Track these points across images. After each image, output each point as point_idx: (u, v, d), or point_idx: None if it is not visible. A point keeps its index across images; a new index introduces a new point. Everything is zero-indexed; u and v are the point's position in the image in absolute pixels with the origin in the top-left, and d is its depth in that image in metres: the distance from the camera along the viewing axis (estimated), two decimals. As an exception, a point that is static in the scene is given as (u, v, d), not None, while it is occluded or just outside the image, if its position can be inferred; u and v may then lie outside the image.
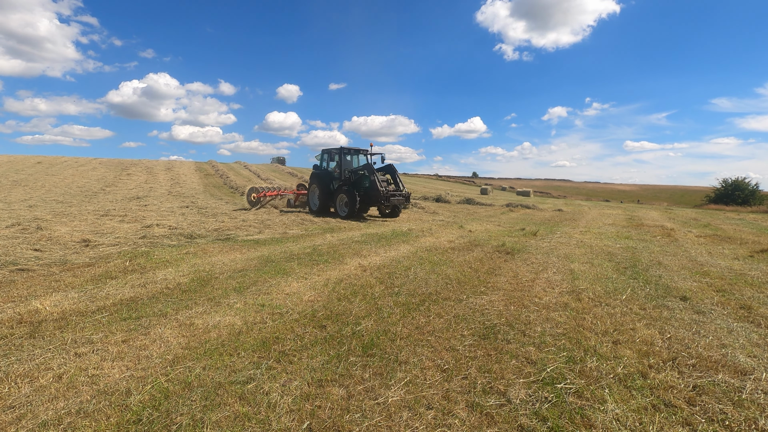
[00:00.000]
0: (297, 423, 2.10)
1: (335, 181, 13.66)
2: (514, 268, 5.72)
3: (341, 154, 13.68)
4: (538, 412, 2.23)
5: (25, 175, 24.88)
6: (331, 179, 13.71)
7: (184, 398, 2.29)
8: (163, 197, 17.17)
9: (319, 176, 13.92)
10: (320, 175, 13.92)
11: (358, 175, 13.28)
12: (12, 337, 3.04)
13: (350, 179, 13.39)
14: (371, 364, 2.74)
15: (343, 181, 13.39)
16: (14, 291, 4.18)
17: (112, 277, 4.79)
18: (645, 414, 2.23)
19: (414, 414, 2.21)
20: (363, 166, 13.14)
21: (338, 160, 13.63)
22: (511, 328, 3.41)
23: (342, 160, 13.60)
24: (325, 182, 13.65)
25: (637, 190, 75.20)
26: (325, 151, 14.63)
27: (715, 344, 3.16)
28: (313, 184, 14.01)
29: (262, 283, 4.67)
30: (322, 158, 14.52)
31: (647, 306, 4.08)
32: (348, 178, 13.44)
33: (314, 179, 14.03)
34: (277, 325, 3.38)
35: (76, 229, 8.02)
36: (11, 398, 2.26)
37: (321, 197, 13.61)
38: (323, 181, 13.69)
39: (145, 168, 32.89)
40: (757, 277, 5.43)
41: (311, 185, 14.13)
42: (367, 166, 12.92)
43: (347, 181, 13.37)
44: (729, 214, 21.74)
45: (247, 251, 6.61)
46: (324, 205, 13.63)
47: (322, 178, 13.79)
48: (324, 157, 14.49)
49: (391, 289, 4.49)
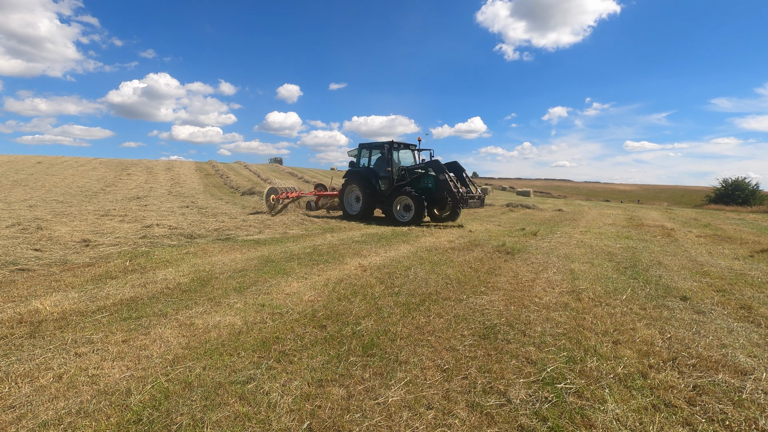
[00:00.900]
0: (297, 423, 2.10)
1: (382, 181, 11.84)
2: (515, 268, 5.72)
3: (391, 150, 11.72)
4: (538, 412, 2.23)
5: (25, 175, 24.89)
6: (376, 179, 11.90)
7: (185, 398, 2.29)
8: (163, 197, 17.17)
9: (361, 175, 12.00)
10: (361, 174, 12.01)
11: (416, 174, 11.52)
12: (12, 337, 3.04)
13: (404, 179, 11.62)
14: (371, 364, 2.74)
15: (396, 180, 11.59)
16: (14, 291, 4.18)
17: (112, 277, 4.80)
18: (645, 414, 2.23)
19: (414, 414, 2.21)
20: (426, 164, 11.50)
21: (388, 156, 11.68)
22: (512, 328, 3.41)
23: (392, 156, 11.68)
24: (370, 182, 11.82)
25: (637, 190, 75.21)
26: (364, 146, 12.70)
27: (715, 344, 3.16)
28: (351, 184, 12.17)
29: (263, 283, 4.67)
30: (360, 154, 12.62)
31: (647, 306, 4.08)
32: (401, 177, 11.68)
33: (353, 179, 12.18)
34: (278, 325, 3.38)
35: (76, 229, 8.02)
36: (11, 398, 2.26)
37: (364, 199, 11.75)
38: (366, 181, 11.83)
39: (145, 168, 32.90)
40: (758, 277, 5.42)
41: (347, 185, 12.32)
42: (434, 163, 11.10)
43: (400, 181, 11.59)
44: (729, 214, 21.74)
45: (248, 251, 6.61)
46: (368, 208, 11.80)
47: (365, 177, 11.91)
48: (362, 153, 12.60)
49: (391, 289, 4.49)
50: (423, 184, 11.23)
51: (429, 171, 11.31)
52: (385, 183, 11.84)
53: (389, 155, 11.66)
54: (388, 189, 11.63)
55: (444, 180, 10.77)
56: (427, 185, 11.16)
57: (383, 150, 11.97)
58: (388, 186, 11.73)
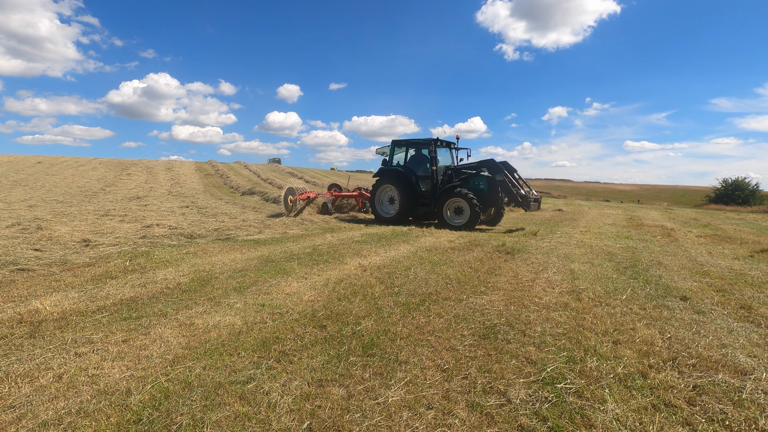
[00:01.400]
0: (297, 423, 2.10)
1: (422, 181, 10.96)
2: (514, 267, 5.72)
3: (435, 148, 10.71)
4: (538, 412, 2.23)
5: (25, 175, 24.88)
6: (415, 179, 11.00)
7: (184, 398, 2.29)
8: (163, 197, 17.17)
9: (397, 175, 11.00)
10: (398, 174, 11.00)
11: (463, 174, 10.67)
12: (12, 337, 3.04)
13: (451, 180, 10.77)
14: (371, 363, 2.74)
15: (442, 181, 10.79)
16: (14, 291, 4.18)
17: (112, 277, 4.80)
18: (645, 414, 2.23)
19: (414, 414, 2.21)
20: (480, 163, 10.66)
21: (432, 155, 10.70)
22: (511, 328, 3.41)
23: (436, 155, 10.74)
24: (409, 183, 10.89)
25: (637, 190, 75.19)
26: (398, 143, 11.65)
27: (715, 344, 3.16)
28: (385, 184, 11.18)
29: (262, 282, 4.67)
30: (393, 152, 11.64)
31: (647, 306, 4.08)
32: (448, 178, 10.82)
33: (387, 178, 11.15)
34: (277, 325, 3.38)
35: (76, 229, 8.02)
36: (11, 398, 2.26)
37: (402, 201, 10.77)
38: (404, 181, 10.86)
39: (145, 168, 32.90)
40: (758, 277, 5.42)
41: (380, 186, 11.30)
42: (489, 163, 10.40)
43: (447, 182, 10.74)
44: (729, 214, 21.74)
45: (248, 251, 6.61)
46: (405, 211, 10.83)
47: (403, 177, 10.93)
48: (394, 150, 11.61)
49: (391, 289, 4.49)
50: (473, 185, 10.39)
51: (482, 171, 10.45)
52: (426, 184, 10.93)
53: (433, 153, 10.68)
54: (431, 190, 10.79)
55: (502, 181, 10.03)
56: (478, 186, 10.32)
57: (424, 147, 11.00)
58: (430, 187, 10.85)
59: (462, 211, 10.07)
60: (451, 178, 10.81)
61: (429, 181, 10.88)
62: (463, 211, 10.04)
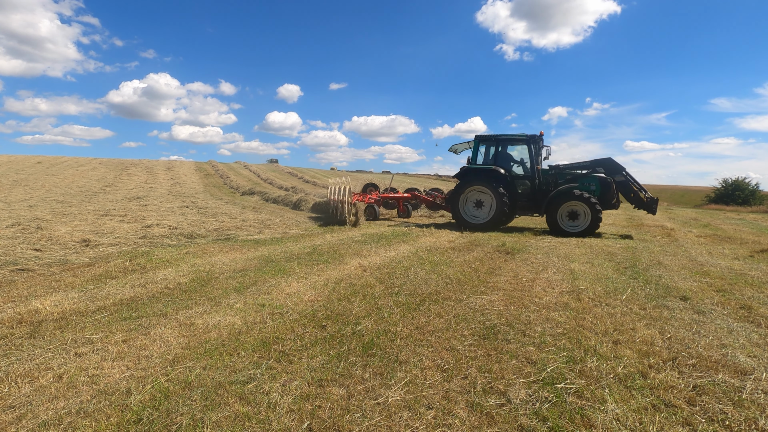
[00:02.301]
0: (297, 423, 2.10)
1: (520, 182, 10.09)
2: (514, 267, 5.72)
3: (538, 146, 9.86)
4: (538, 412, 2.23)
5: (25, 175, 24.88)
6: (512, 179, 10.05)
7: (184, 398, 2.29)
8: (163, 197, 17.17)
9: (491, 175, 9.90)
10: (492, 174, 9.90)
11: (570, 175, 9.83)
12: (12, 337, 3.04)
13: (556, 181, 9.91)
14: (371, 364, 2.74)
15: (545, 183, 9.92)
16: (14, 291, 4.18)
17: (112, 277, 4.80)
18: (645, 414, 2.23)
19: (414, 414, 2.21)
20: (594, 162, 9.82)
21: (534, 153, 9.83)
22: (511, 328, 3.41)
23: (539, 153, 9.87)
24: (506, 184, 9.84)
25: (637, 190, 74.87)
26: (484, 139, 10.45)
27: (715, 344, 3.16)
28: (474, 186, 10.05)
29: (262, 283, 4.67)
30: (476, 150, 10.47)
31: (647, 306, 4.08)
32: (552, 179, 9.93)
33: (474, 179, 10.05)
34: (277, 325, 3.38)
35: (76, 229, 8.02)
36: (11, 398, 2.26)
37: (499, 205, 9.66)
38: (502, 182, 9.81)
39: (145, 168, 32.90)
40: (758, 277, 5.42)
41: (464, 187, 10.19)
42: (607, 162, 9.60)
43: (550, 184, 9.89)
44: (729, 214, 21.73)
45: (248, 251, 6.61)
46: (502, 216, 9.79)
47: (499, 178, 9.85)
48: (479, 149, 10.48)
49: (391, 289, 4.49)
50: (583, 186, 9.42)
51: (598, 170, 9.64)
52: (524, 185, 10.02)
53: (534, 152, 9.77)
54: (530, 192, 9.94)
55: (624, 182, 9.38)
56: (589, 188, 9.40)
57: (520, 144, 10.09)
58: (529, 188, 9.96)
59: (577, 216, 9.27)
60: (555, 179, 9.95)
61: (527, 182, 9.99)
62: (579, 216, 9.25)
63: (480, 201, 10.17)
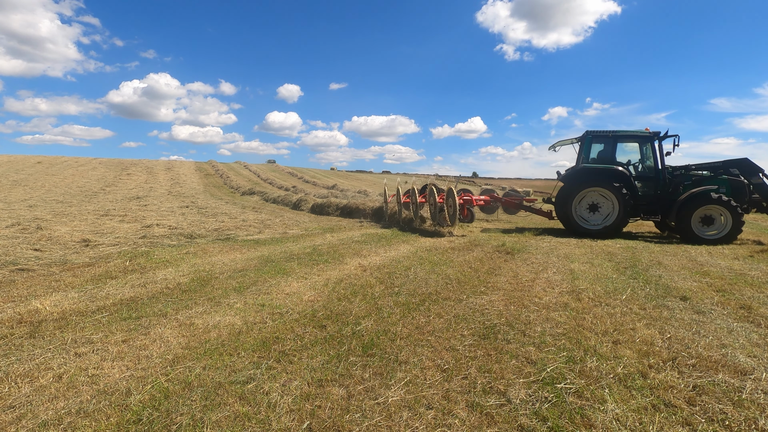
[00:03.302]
0: (297, 423, 2.10)
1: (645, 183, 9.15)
2: (514, 268, 5.72)
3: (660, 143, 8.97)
4: (538, 412, 2.23)
5: (25, 175, 24.87)
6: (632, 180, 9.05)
7: (184, 398, 2.29)
8: (163, 197, 17.16)
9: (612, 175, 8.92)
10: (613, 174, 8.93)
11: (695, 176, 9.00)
12: (12, 337, 3.04)
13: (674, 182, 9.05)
14: (371, 364, 2.74)
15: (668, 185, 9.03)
16: (14, 291, 4.18)
17: (112, 277, 4.80)
18: (645, 414, 2.23)
19: (414, 414, 2.21)
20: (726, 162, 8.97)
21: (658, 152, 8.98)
22: (511, 328, 3.41)
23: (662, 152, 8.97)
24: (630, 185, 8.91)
25: (637, 190, 74.74)
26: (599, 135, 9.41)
27: (715, 344, 3.15)
28: (587, 187, 9.05)
29: (262, 283, 4.67)
30: (588, 148, 9.43)
31: (647, 306, 4.08)
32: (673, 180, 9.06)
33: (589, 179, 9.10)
34: (277, 325, 3.38)
35: (76, 229, 8.02)
36: (11, 398, 2.26)
37: (622, 208, 8.75)
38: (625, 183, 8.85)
39: (145, 168, 32.88)
40: (757, 277, 5.42)
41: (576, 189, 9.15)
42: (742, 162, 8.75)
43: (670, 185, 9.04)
44: (729, 214, 21.69)
45: (247, 251, 6.61)
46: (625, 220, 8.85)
47: (623, 178, 8.88)
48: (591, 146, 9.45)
49: (391, 289, 4.49)
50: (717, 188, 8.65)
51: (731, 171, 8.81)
52: (647, 186, 9.16)
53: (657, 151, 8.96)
54: (653, 194, 9.12)
55: (761, 184, 8.56)
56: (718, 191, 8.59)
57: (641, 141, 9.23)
58: (652, 190, 9.13)
59: (712, 221, 8.45)
60: (681, 180, 9.09)
61: (651, 184, 9.16)
62: (714, 221, 8.44)
63: (596, 204, 9.14)
